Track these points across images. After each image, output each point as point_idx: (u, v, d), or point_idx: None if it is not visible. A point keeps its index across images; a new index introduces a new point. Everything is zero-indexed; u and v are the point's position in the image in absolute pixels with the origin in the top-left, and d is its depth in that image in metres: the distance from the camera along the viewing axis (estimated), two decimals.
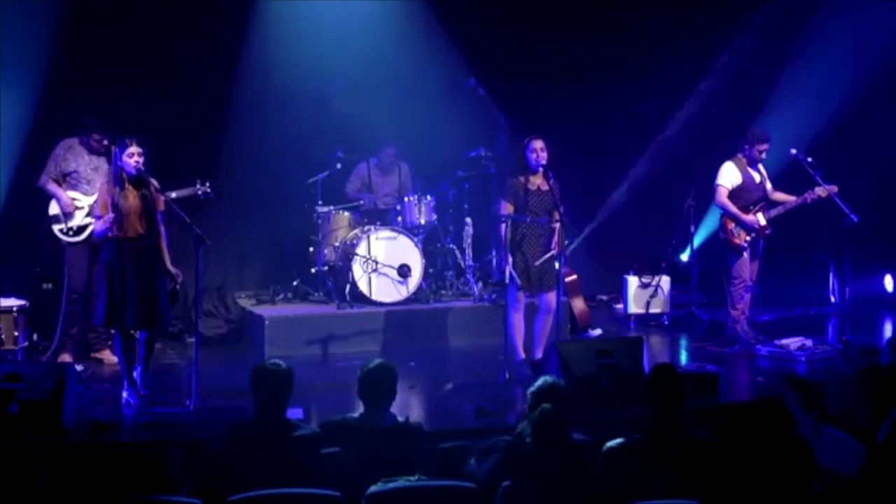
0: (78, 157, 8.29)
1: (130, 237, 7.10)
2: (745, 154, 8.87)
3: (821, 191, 8.79)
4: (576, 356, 6.95)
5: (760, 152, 8.83)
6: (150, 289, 7.13)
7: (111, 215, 7.03)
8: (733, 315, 8.92)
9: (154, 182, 7.22)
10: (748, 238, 8.82)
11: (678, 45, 10.60)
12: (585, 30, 10.67)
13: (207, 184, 8.07)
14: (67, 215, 8.21)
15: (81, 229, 8.23)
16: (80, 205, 8.24)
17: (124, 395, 7.17)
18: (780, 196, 8.96)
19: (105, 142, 8.23)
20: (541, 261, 7.85)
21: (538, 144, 7.88)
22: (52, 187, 8.26)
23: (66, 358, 8.15)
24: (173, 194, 7.67)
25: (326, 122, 9.94)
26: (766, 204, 8.90)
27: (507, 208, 7.92)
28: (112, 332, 7.53)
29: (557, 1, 10.65)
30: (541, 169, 7.86)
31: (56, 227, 8.25)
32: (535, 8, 10.56)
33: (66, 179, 8.28)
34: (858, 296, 9.95)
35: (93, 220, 8.08)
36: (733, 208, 8.80)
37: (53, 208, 8.26)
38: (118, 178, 7.11)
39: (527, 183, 7.92)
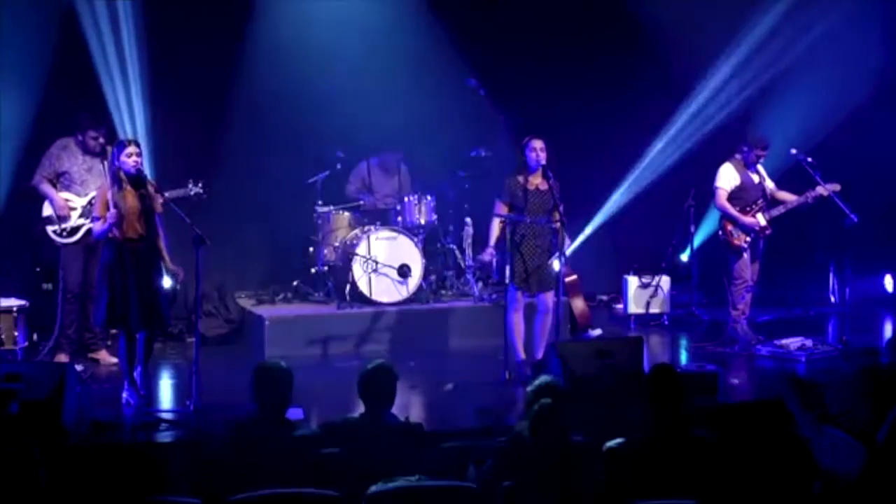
0: (72, 158, 8.26)
1: (130, 238, 7.09)
2: (743, 156, 8.88)
3: (822, 189, 8.78)
4: (576, 356, 6.95)
5: (758, 157, 8.85)
6: (150, 289, 7.13)
7: (113, 212, 7.00)
8: (734, 315, 8.92)
9: (152, 182, 7.23)
10: (748, 239, 8.83)
11: (680, 45, 10.59)
12: (586, 29, 10.66)
13: (200, 184, 8.01)
14: (62, 217, 8.18)
15: (75, 230, 8.20)
16: (74, 206, 8.21)
17: (124, 395, 7.17)
18: (784, 195, 8.96)
19: (101, 139, 8.22)
20: (550, 262, 7.85)
21: (538, 144, 7.89)
22: (46, 188, 8.22)
23: (62, 358, 8.14)
24: (166, 195, 7.66)
25: (326, 122, 9.92)
26: (767, 203, 8.90)
27: (501, 209, 7.95)
28: (112, 332, 7.52)
29: (558, 1, 10.65)
30: (540, 168, 7.87)
31: (50, 229, 8.22)
32: (536, 7, 10.55)
33: (59, 180, 8.24)
34: (858, 296, 9.94)
35: (87, 221, 8.09)
36: (732, 211, 8.80)
37: (47, 210, 8.23)
38: (116, 178, 7.09)
39: (526, 183, 7.93)
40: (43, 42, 8.88)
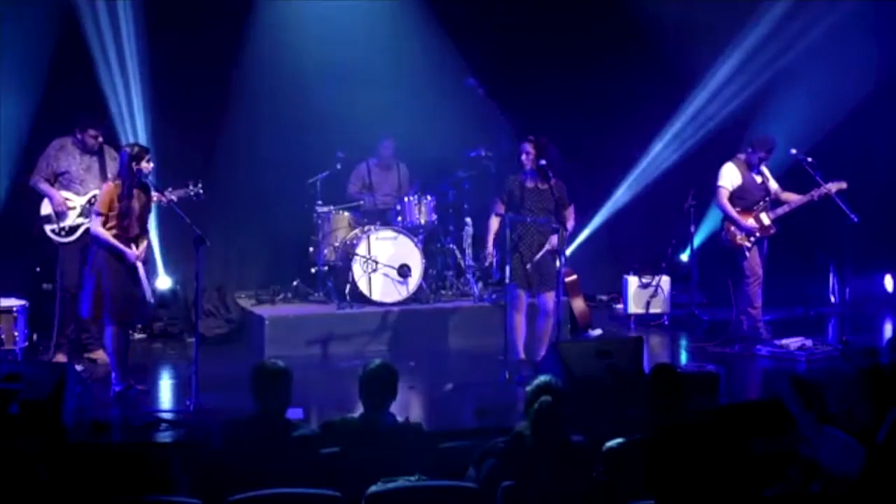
0: (70, 157, 8.25)
1: (130, 237, 7.24)
2: (747, 157, 8.88)
3: (827, 187, 8.74)
4: (576, 356, 6.94)
5: (761, 160, 8.85)
6: (137, 284, 7.33)
7: (135, 253, 7.22)
8: (752, 314, 8.87)
9: (154, 184, 7.37)
10: (751, 238, 8.82)
11: (680, 44, 10.59)
12: (586, 28, 10.67)
13: (199, 184, 8.04)
14: (60, 215, 8.18)
15: (74, 229, 8.20)
16: (73, 205, 8.20)
17: (116, 389, 7.21)
18: (788, 196, 8.95)
19: (100, 138, 8.22)
20: (536, 258, 7.87)
21: (527, 147, 7.95)
22: (45, 186, 8.21)
23: (61, 358, 8.13)
24: (172, 196, 7.72)
25: (326, 122, 9.93)
26: (771, 203, 8.89)
27: (500, 207, 8.00)
28: (112, 328, 7.54)
29: (558, 0, 10.65)
30: (539, 169, 7.87)
31: (48, 228, 8.21)
32: (535, 7, 10.55)
33: (57, 179, 8.23)
34: (858, 296, 9.94)
35: (86, 220, 8.11)
36: (732, 212, 8.79)
37: (45, 208, 8.22)
38: (131, 184, 7.19)
39: (525, 181, 7.95)
40: (43, 41, 8.88)
